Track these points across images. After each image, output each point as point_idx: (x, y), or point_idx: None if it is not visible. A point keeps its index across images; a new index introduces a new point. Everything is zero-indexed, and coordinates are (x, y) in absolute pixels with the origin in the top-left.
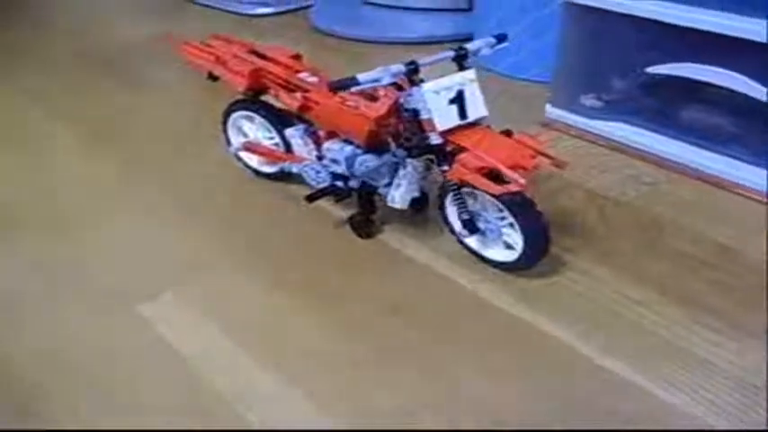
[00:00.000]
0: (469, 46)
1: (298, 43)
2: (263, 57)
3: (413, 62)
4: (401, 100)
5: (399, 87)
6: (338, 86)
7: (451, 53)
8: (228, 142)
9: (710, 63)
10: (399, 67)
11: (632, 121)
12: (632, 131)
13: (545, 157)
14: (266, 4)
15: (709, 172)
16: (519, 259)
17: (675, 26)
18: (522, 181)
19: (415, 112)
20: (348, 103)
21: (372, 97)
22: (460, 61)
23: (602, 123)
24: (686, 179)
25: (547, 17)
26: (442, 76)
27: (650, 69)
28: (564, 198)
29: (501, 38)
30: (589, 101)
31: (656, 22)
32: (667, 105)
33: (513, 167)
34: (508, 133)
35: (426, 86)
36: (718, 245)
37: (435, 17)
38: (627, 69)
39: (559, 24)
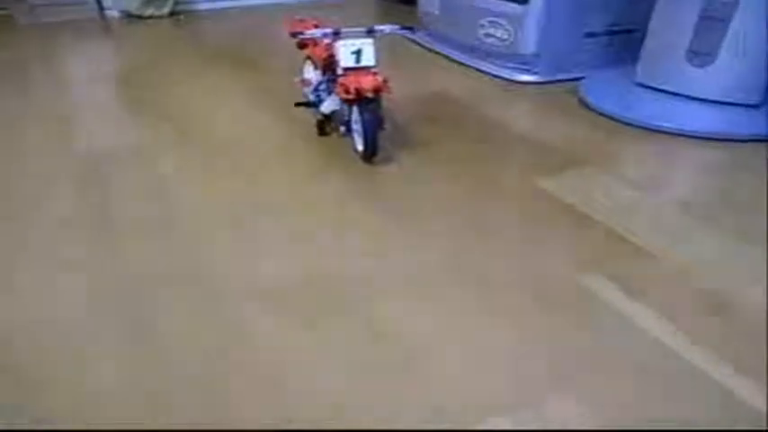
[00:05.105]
0: (377, 27)
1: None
2: (315, 26)
3: (338, 30)
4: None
5: None
6: (294, 35)
7: (364, 29)
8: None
9: None
10: (329, 31)
11: None
12: None
13: (385, 87)
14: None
15: None
16: (365, 149)
17: None
18: (369, 90)
19: (334, 56)
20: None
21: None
22: (369, 34)
23: None
24: None
25: None
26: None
27: None
28: None
29: (408, 27)
30: None
31: None
32: None
33: (371, 88)
34: (375, 73)
35: (340, 42)
36: None
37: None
38: None
39: None
